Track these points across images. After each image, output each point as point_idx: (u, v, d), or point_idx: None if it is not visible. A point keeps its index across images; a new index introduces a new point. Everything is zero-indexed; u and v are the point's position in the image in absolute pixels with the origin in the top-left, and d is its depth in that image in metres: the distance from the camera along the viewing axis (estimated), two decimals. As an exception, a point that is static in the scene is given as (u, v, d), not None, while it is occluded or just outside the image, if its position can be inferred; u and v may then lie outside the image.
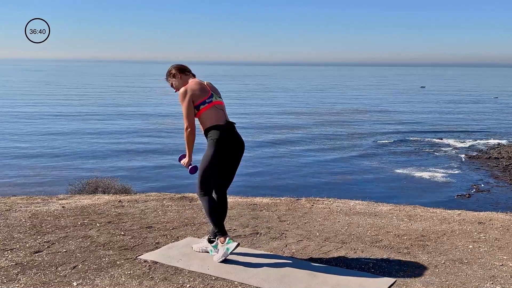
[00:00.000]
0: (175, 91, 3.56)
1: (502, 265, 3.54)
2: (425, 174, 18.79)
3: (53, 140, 24.94)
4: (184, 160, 3.56)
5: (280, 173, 18.87)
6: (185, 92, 3.41)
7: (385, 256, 3.68)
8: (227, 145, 3.41)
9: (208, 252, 3.61)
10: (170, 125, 31.57)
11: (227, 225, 4.45)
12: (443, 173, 19.01)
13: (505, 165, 19.96)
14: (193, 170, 3.53)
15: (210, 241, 3.62)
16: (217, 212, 3.47)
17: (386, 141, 26.70)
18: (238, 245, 3.43)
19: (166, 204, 5.33)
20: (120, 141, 25.33)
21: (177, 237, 4.09)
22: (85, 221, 4.51)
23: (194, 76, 3.63)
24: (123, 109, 40.63)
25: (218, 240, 3.49)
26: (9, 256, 3.51)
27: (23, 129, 28.64)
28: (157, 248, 3.77)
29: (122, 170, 18.24)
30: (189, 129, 3.41)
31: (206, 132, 3.45)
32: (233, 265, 3.41)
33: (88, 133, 27.80)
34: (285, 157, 22.00)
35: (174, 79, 3.56)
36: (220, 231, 3.47)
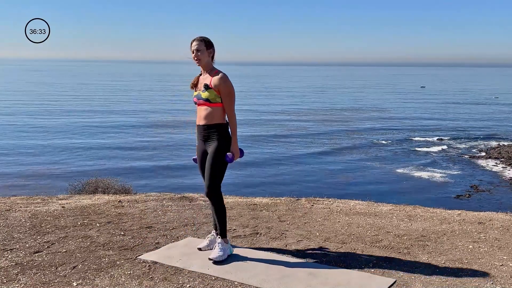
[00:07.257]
0: (194, 58, 3.29)
1: (502, 265, 3.53)
2: (425, 174, 18.80)
3: (53, 140, 24.93)
4: (236, 154, 3.42)
5: (280, 173, 18.87)
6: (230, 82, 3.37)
7: (385, 256, 3.67)
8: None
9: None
10: (171, 125, 31.55)
11: (227, 225, 4.46)
12: (443, 173, 19.02)
13: (505, 165, 19.96)
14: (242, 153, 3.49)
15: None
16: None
17: (386, 141, 26.69)
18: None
19: (166, 204, 5.33)
20: (120, 140, 25.33)
21: (177, 237, 4.08)
22: (85, 221, 4.51)
23: None
24: (124, 112, 40.58)
25: (222, 239, 3.56)
26: (9, 256, 3.51)
27: (22, 130, 28.62)
28: (157, 248, 3.76)
29: (122, 170, 18.24)
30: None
31: (221, 126, 3.38)
32: (233, 265, 3.41)
33: (88, 134, 27.78)
34: (285, 157, 22.01)
35: (208, 51, 3.30)
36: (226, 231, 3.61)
